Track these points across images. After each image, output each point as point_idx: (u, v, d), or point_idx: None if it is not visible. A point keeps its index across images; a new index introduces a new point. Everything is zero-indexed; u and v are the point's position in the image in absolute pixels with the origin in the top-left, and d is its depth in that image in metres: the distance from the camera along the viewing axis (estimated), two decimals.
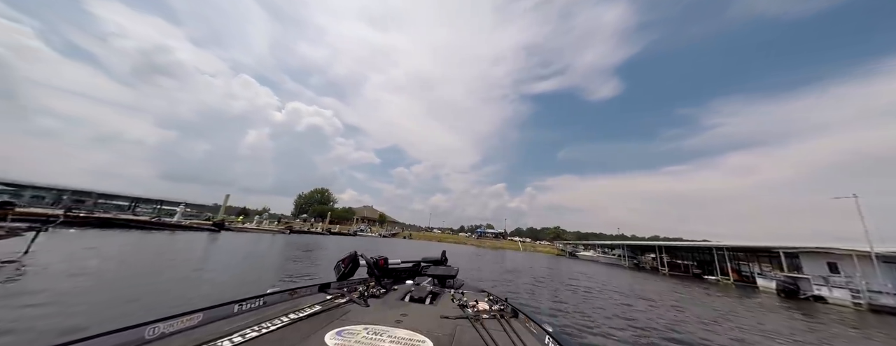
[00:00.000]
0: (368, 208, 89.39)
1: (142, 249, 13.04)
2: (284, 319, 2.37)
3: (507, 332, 2.51)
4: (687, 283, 22.00)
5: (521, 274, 16.87)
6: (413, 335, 2.26)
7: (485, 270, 17.37)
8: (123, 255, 11.08)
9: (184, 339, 1.94)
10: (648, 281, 20.49)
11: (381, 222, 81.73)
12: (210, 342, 1.84)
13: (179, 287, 6.95)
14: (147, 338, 1.83)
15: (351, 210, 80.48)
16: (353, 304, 3.04)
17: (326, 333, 2.14)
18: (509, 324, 2.73)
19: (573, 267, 26.77)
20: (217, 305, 2.34)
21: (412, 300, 3.38)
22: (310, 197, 72.82)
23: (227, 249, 16.07)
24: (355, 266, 4.15)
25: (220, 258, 12.41)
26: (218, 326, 2.18)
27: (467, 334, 2.41)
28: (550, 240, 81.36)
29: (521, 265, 23.06)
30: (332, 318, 2.54)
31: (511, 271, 18.40)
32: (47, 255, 8.77)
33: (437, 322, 2.64)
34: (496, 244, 66.22)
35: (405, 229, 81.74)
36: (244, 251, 15.54)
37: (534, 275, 16.92)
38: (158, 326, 1.90)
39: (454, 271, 4.93)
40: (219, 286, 7.32)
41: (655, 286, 17.49)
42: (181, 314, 2.06)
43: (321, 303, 2.93)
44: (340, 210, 73.25)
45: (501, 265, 21.53)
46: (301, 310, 2.63)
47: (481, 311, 3.04)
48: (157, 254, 11.93)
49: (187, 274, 8.56)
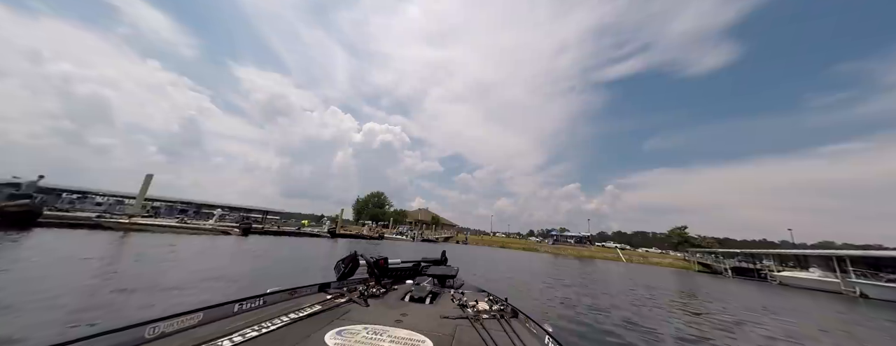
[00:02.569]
0: (423, 211, 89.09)
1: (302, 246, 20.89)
2: (284, 318, 2.43)
3: (506, 332, 2.55)
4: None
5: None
6: (413, 335, 2.29)
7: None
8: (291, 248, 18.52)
9: (184, 338, 1.95)
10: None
11: (435, 225, 73.65)
12: (210, 341, 1.88)
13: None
14: (147, 337, 1.84)
15: (404, 213, 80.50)
16: (353, 304, 3.10)
17: (326, 333, 2.20)
18: (509, 324, 2.77)
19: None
20: (217, 304, 2.37)
21: (412, 300, 3.44)
22: (367, 201, 75.18)
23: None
24: (355, 266, 4.20)
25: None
26: (218, 325, 2.20)
27: (467, 334, 2.45)
28: (673, 247, 60.59)
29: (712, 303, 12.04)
30: (332, 318, 2.60)
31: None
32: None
33: (437, 322, 2.69)
34: (581, 252, 49.69)
35: (460, 233, 71.31)
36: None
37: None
38: (159, 325, 1.92)
39: (454, 271, 4.96)
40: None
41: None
42: (181, 314, 2.08)
43: (321, 303, 3.00)
44: (393, 213, 73.77)
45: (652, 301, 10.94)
46: (301, 310, 2.71)
47: (481, 311, 3.08)
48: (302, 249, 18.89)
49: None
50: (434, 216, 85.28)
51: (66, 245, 11.42)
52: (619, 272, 23.73)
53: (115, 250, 11.37)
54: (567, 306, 7.92)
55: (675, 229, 61.93)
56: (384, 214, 70.05)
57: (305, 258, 14.49)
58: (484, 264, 19.90)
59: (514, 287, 10.69)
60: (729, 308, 10.33)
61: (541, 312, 6.89)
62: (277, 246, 19.26)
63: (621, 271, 25.11)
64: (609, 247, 62.57)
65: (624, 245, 65.23)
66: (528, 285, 11.68)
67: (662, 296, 11.92)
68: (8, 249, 9.34)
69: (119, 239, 14.40)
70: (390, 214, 71.73)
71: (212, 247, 14.93)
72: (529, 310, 3.31)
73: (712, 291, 16.42)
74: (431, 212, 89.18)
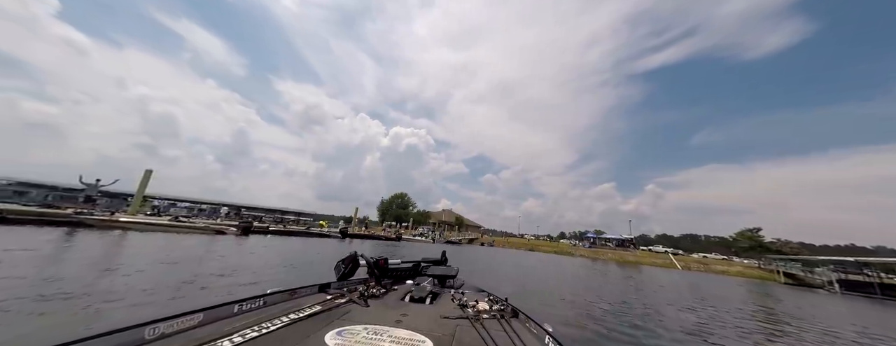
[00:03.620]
0: (447, 212, 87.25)
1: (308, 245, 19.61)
2: (284, 319, 2.44)
3: (506, 332, 2.55)
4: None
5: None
6: (413, 335, 2.29)
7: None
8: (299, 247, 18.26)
9: (184, 339, 1.96)
10: None
11: (459, 226, 73.07)
12: (210, 342, 1.89)
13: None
14: (147, 338, 1.85)
15: (427, 214, 79.84)
16: (353, 304, 3.12)
17: (326, 333, 2.20)
18: (509, 324, 2.77)
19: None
20: (217, 305, 2.38)
21: (412, 300, 3.45)
22: (391, 202, 76.05)
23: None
24: (355, 266, 4.24)
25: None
26: (218, 326, 2.21)
27: (467, 334, 2.46)
28: (742, 252, 52.97)
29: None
30: (332, 318, 2.61)
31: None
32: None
33: (437, 322, 2.70)
34: (624, 257, 43.98)
35: (485, 234, 67.81)
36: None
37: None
38: (158, 326, 1.92)
39: (454, 271, 4.98)
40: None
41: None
42: (181, 314, 2.09)
43: (321, 303, 3.02)
44: (416, 214, 73.59)
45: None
46: (301, 310, 2.71)
47: (481, 311, 3.09)
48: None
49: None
50: (458, 217, 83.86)
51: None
52: (683, 283, 19.03)
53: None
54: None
55: (746, 232, 52.63)
56: (408, 215, 70.23)
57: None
58: (510, 272, 16.12)
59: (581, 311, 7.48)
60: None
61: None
62: (269, 248, 16.82)
63: (682, 281, 20.37)
64: (658, 251, 55.34)
65: (675, 250, 57.35)
66: (590, 306, 8.29)
67: (807, 326, 8.57)
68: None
69: (67, 237, 12.30)
70: (412, 215, 71.48)
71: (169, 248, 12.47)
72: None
73: (866, 318, 11.48)
74: (455, 213, 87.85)
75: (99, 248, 10.42)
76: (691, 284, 19.72)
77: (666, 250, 56.76)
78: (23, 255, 7.60)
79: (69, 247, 9.92)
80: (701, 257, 56.06)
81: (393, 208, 73.71)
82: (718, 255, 58.34)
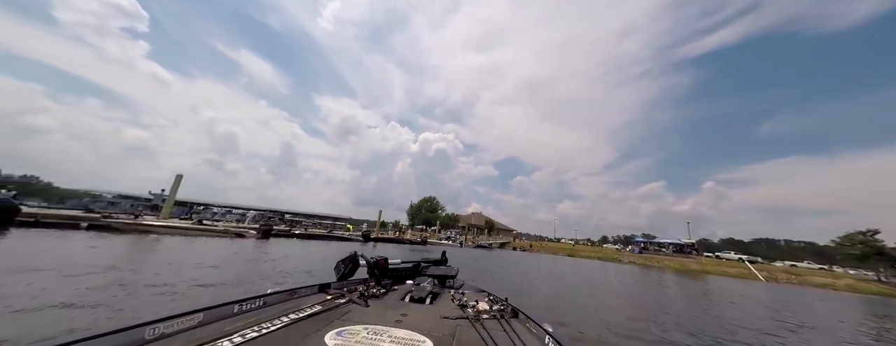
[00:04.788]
0: (476, 215, 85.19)
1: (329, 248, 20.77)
2: (284, 319, 2.48)
3: (507, 332, 2.57)
4: None
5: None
6: (413, 335, 2.30)
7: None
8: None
9: (184, 339, 1.98)
10: None
11: (489, 230, 74.63)
12: (210, 342, 1.90)
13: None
14: (147, 338, 1.87)
15: (456, 217, 78.10)
16: (353, 304, 3.14)
17: (326, 333, 2.23)
18: (509, 324, 2.79)
19: None
20: (217, 305, 2.41)
21: (412, 301, 3.47)
22: (419, 206, 76.25)
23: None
24: (355, 266, 4.28)
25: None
26: (218, 326, 2.23)
27: (467, 334, 2.48)
28: (852, 261, 43.04)
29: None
30: (332, 318, 2.64)
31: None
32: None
33: (437, 323, 2.73)
34: (685, 265, 38.71)
35: (517, 238, 64.59)
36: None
37: None
38: (158, 326, 1.94)
39: (454, 271, 5.03)
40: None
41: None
42: (181, 315, 2.11)
43: (321, 303, 3.06)
44: (444, 217, 72.52)
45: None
46: (301, 310, 2.75)
47: (481, 311, 3.12)
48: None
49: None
50: (488, 221, 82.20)
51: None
52: (781, 300, 15.23)
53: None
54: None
55: (856, 235, 40.60)
56: (437, 218, 70.14)
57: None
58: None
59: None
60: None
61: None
62: (285, 252, 16.17)
63: (777, 298, 16.44)
64: (729, 258, 48.00)
65: (753, 257, 49.24)
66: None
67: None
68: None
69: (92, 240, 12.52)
70: (440, 218, 71.00)
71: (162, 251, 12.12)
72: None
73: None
74: (485, 216, 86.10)
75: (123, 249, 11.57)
76: (797, 302, 15.37)
77: (740, 257, 49.00)
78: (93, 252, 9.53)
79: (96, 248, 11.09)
80: (788, 266, 48.34)
81: (422, 211, 74.31)
82: (813, 264, 49.81)
